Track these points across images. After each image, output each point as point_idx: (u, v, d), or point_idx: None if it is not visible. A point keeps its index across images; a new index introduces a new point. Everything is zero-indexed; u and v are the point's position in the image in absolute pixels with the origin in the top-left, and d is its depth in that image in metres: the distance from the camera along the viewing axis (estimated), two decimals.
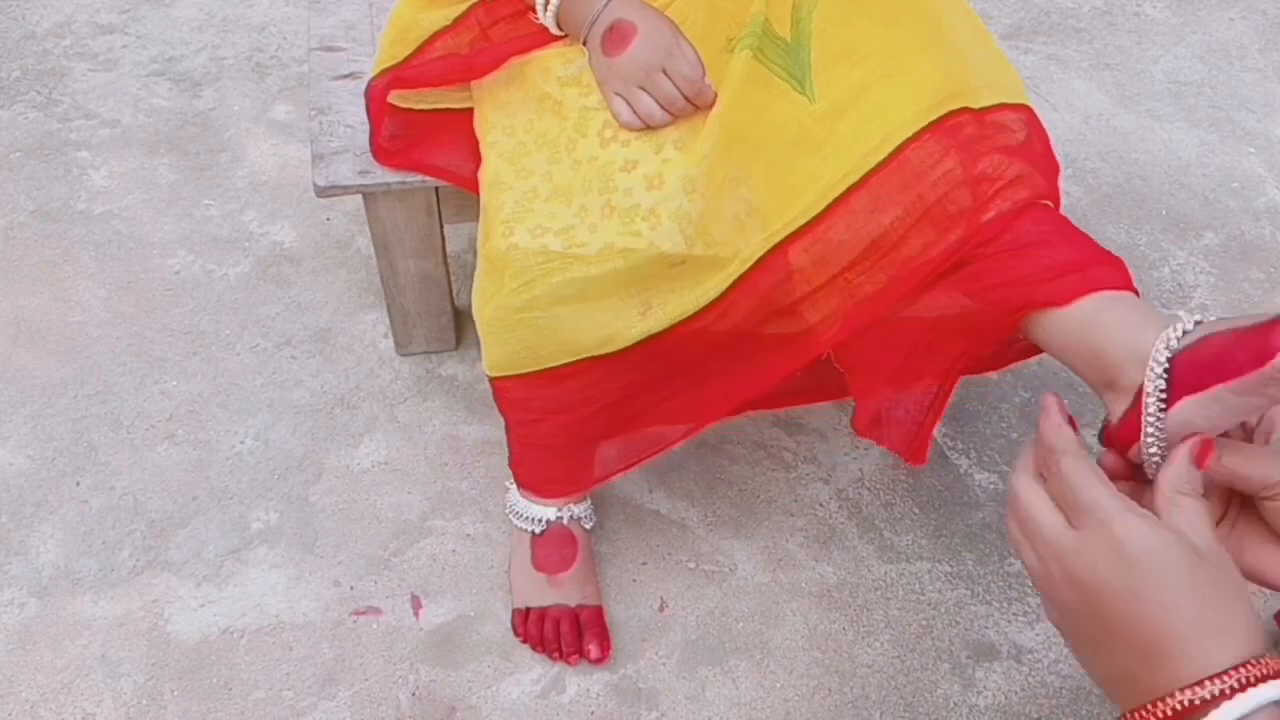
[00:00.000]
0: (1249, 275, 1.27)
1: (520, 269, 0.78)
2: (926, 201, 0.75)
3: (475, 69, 0.86)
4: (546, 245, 0.77)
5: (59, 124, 1.35)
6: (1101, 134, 1.44)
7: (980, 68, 0.83)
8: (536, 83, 0.82)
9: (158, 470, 1.03)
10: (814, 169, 0.77)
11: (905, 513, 1.04)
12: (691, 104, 0.77)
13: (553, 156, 0.79)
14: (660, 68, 0.76)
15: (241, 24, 1.51)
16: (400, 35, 0.90)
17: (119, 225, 1.24)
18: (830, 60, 0.80)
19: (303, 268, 1.21)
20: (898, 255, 0.77)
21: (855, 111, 0.78)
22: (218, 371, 1.11)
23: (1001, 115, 0.81)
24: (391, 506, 1.01)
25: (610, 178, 0.76)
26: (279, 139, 1.35)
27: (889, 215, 0.76)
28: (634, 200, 0.75)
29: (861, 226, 0.76)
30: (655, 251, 0.75)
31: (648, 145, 0.77)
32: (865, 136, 0.76)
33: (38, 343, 1.12)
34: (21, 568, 0.96)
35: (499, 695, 0.90)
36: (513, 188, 0.80)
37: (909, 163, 0.75)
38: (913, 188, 0.75)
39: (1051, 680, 0.93)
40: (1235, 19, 1.64)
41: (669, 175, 0.75)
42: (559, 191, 0.78)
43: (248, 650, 0.92)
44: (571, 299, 0.78)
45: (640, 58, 0.76)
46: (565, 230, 0.77)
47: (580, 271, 0.76)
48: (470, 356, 1.13)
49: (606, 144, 0.77)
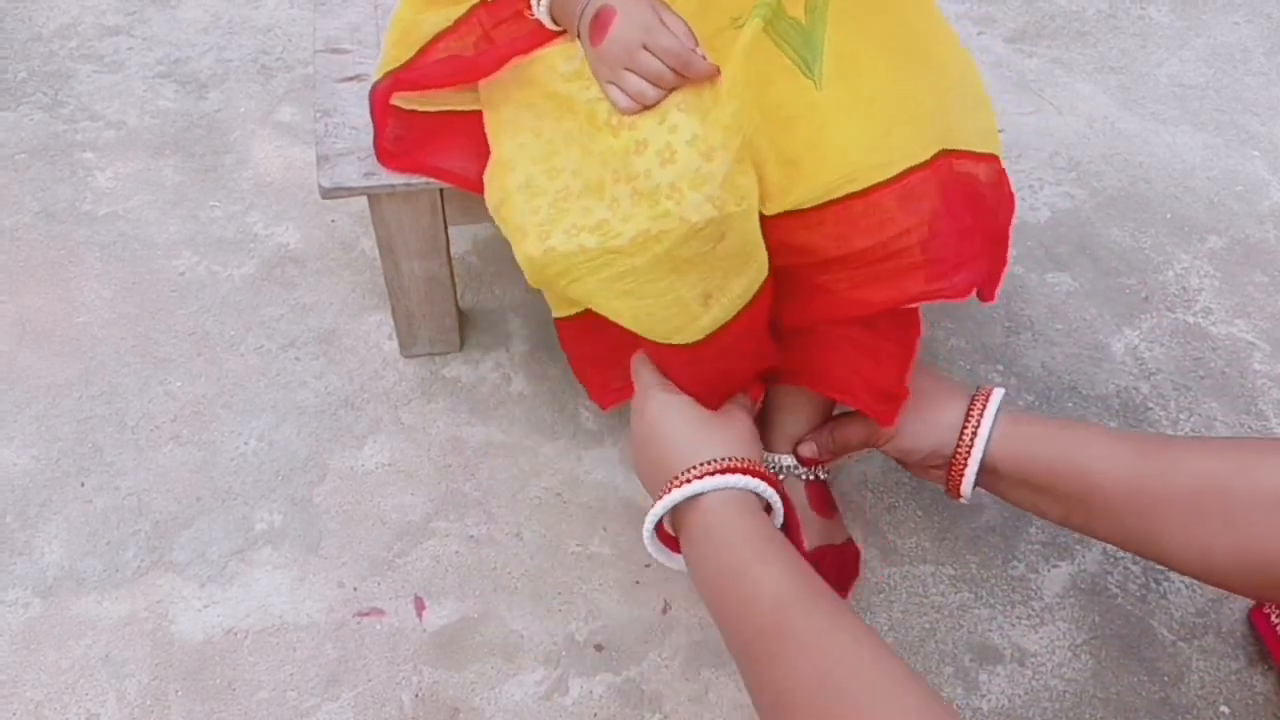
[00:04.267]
0: (1253, 279, 1.27)
1: (565, 269, 0.78)
2: (901, 243, 0.78)
3: (478, 69, 0.85)
4: (583, 244, 0.76)
5: (64, 125, 1.35)
6: (1106, 137, 1.44)
7: (961, 110, 0.85)
8: (544, 82, 0.82)
9: (162, 471, 1.03)
10: (805, 156, 0.78)
11: (908, 515, 1.04)
12: (682, 76, 0.76)
13: (582, 152, 0.79)
14: (641, 45, 0.75)
15: (247, 26, 1.51)
16: (402, 38, 0.90)
17: (124, 226, 1.24)
18: (840, 57, 0.80)
19: (307, 269, 1.21)
20: (872, 271, 0.80)
21: (859, 119, 0.78)
22: (222, 372, 1.11)
23: (975, 164, 0.83)
24: (395, 508, 1.02)
25: (629, 164, 0.76)
26: (284, 141, 1.35)
27: (884, 233, 0.78)
28: (654, 181, 0.74)
29: (858, 230, 0.78)
30: (687, 227, 0.74)
31: (652, 119, 0.76)
32: (870, 150, 0.78)
33: (43, 343, 1.13)
34: (26, 568, 0.96)
35: (502, 697, 0.90)
36: (546, 190, 0.80)
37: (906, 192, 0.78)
38: (897, 222, 0.77)
39: (1055, 684, 0.93)
40: (1240, 23, 1.64)
41: (678, 144, 0.74)
42: (590, 188, 0.78)
43: (251, 651, 0.92)
44: (629, 294, 0.77)
45: (620, 39, 0.76)
46: (599, 226, 0.76)
47: (624, 264, 0.76)
48: (474, 358, 1.13)
49: (617, 131, 0.77)
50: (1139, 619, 0.98)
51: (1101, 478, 0.79)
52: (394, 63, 0.89)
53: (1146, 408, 1.14)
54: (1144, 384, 1.16)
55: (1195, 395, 1.15)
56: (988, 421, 0.85)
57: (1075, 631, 0.97)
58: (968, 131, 0.83)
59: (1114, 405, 1.14)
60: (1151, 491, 0.77)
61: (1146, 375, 1.17)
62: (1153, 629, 0.97)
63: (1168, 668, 0.95)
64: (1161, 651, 0.96)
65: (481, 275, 1.21)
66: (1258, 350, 1.20)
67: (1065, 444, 0.82)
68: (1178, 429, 1.12)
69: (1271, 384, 1.17)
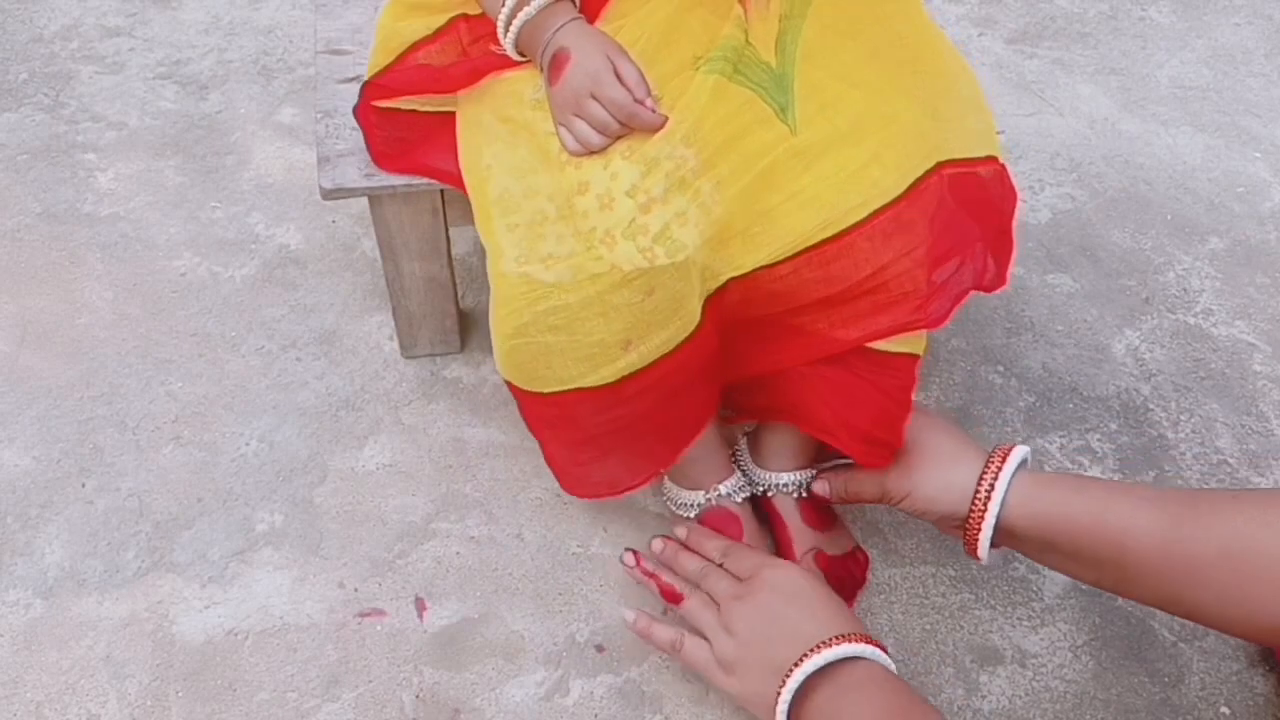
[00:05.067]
0: (1254, 280, 1.27)
1: (507, 297, 0.79)
2: (889, 274, 0.79)
3: (448, 81, 0.86)
4: (529, 274, 0.78)
5: (66, 126, 1.35)
6: (1106, 138, 1.44)
7: (955, 116, 0.85)
8: (509, 105, 0.83)
9: (163, 472, 1.03)
10: (782, 206, 0.79)
11: (909, 516, 1.03)
12: (626, 127, 0.77)
13: (534, 180, 0.80)
14: (589, 94, 0.77)
15: (248, 27, 1.51)
16: (382, 44, 0.91)
17: (125, 227, 1.24)
18: (814, 93, 0.80)
19: (308, 270, 1.21)
20: (846, 311, 0.81)
21: (837, 155, 0.79)
22: (223, 373, 1.11)
23: (973, 168, 0.84)
24: (396, 509, 1.02)
25: (572, 203, 0.77)
26: (285, 142, 1.35)
27: (859, 272, 0.79)
28: (590, 223, 0.76)
29: (828, 277, 0.80)
30: (619, 275, 0.76)
31: (597, 163, 0.78)
32: (845, 189, 0.78)
33: (44, 344, 1.13)
34: (27, 568, 0.96)
35: (503, 698, 0.90)
36: (521, 209, 0.80)
37: (875, 232, 0.79)
38: (881, 254, 0.78)
39: (1056, 685, 0.93)
40: (1241, 24, 1.64)
41: (617, 191, 0.76)
42: (541, 217, 0.79)
43: (252, 652, 0.92)
44: (559, 328, 0.79)
45: (571, 85, 0.77)
46: (548, 257, 0.78)
47: (562, 299, 0.77)
48: (475, 359, 1.13)
49: (563, 168, 0.79)
50: (1139, 620, 0.98)
51: (1132, 542, 0.76)
52: (375, 68, 0.90)
53: (1147, 409, 1.14)
54: (1145, 385, 1.16)
55: (1196, 396, 1.15)
56: (1002, 483, 0.82)
57: (1076, 633, 0.97)
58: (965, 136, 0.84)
59: (1114, 406, 1.14)
60: (1186, 555, 0.74)
61: (1147, 376, 1.17)
62: (1153, 630, 0.97)
63: (1168, 669, 0.95)
64: (1162, 653, 0.96)
65: (482, 276, 1.21)
66: (1258, 351, 1.20)
67: (1088, 507, 0.79)
68: (1178, 430, 1.12)
69: (1272, 385, 1.17)
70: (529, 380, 0.84)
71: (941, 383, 1.14)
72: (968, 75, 0.89)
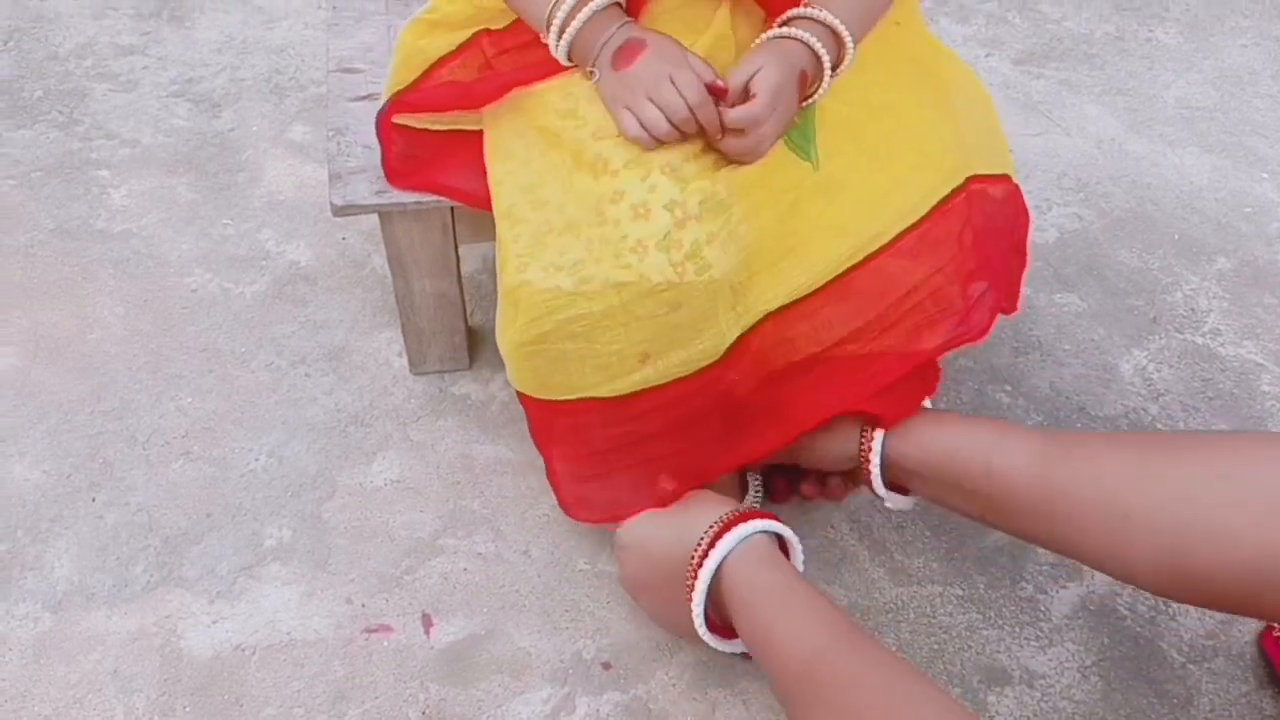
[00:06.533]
0: (1262, 300, 1.27)
1: (530, 305, 0.80)
2: (923, 292, 0.81)
3: (478, 96, 0.87)
4: (559, 285, 0.78)
5: (80, 143, 1.36)
6: (1114, 159, 1.44)
7: (975, 131, 0.86)
8: (537, 114, 0.84)
9: (172, 486, 1.03)
10: (809, 237, 0.80)
11: (917, 535, 1.03)
12: (694, 116, 0.78)
13: (564, 188, 0.81)
14: (668, 77, 0.77)
15: (261, 46, 1.52)
16: (405, 61, 0.92)
17: (137, 244, 1.25)
18: (835, 128, 0.82)
19: (318, 286, 1.22)
20: (887, 338, 0.82)
21: (857, 187, 0.80)
22: (233, 389, 1.12)
23: (989, 186, 0.85)
24: (404, 525, 1.02)
25: (602, 210, 0.78)
26: (296, 159, 1.36)
27: (887, 300, 0.80)
28: (622, 232, 0.77)
29: (860, 305, 0.81)
30: (646, 285, 0.76)
31: (635, 174, 0.78)
32: (867, 218, 0.80)
33: (56, 359, 1.13)
34: (36, 582, 0.96)
35: (509, 714, 0.90)
36: (528, 220, 0.81)
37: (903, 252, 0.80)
38: (912, 274, 0.80)
39: (1064, 705, 0.93)
40: (1247, 45, 1.65)
41: (655, 204, 0.77)
42: (571, 225, 0.79)
43: (259, 667, 0.92)
44: (579, 335, 0.79)
45: (650, 68, 0.78)
46: (575, 265, 0.78)
47: (584, 307, 0.78)
48: (484, 376, 1.14)
49: (598, 175, 0.79)
50: (1148, 641, 0.97)
51: (1006, 477, 0.78)
52: (398, 85, 0.91)
53: (1155, 429, 1.13)
54: (1153, 405, 1.16)
55: (1204, 416, 1.15)
56: None
57: (1084, 653, 0.96)
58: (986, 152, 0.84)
59: (1122, 426, 1.13)
60: (1059, 493, 0.74)
61: (1155, 396, 1.17)
62: (1162, 651, 0.97)
63: (1177, 690, 0.94)
64: (1171, 674, 0.95)
65: (491, 294, 1.22)
66: (1266, 372, 1.20)
67: (972, 439, 0.81)
68: None
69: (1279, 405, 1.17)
70: (541, 388, 0.84)
71: (949, 402, 1.14)
72: (984, 95, 0.90)
